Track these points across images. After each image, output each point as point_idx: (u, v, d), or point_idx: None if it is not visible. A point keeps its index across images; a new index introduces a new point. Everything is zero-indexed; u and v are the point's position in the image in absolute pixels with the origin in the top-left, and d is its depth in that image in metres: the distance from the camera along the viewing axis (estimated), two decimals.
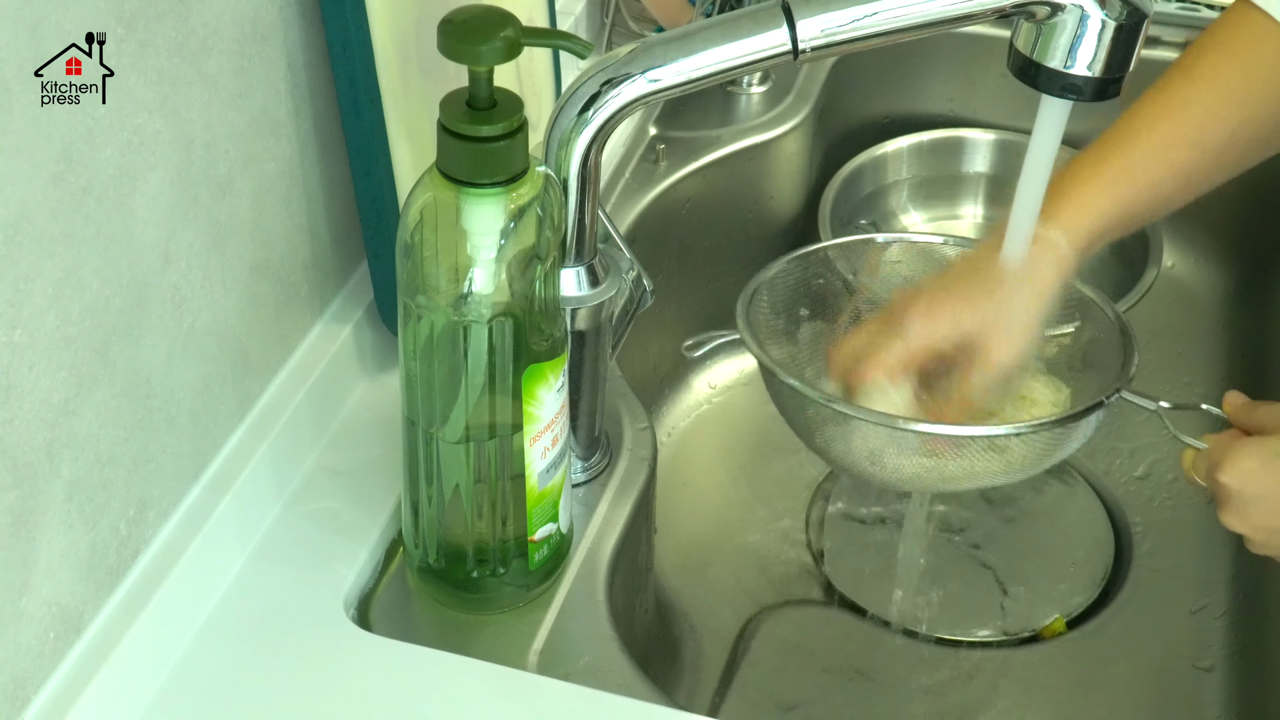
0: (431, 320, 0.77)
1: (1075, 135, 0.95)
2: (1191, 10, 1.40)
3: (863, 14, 0.81)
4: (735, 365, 1.37)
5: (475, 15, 0.73)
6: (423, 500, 0.83)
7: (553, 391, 0.80)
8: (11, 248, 0.65)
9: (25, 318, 0.67)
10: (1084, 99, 0.84)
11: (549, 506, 0.84)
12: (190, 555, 0.81)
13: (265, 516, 0.88)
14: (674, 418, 1.31)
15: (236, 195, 0.82)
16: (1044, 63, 0.83)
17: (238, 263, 0.83)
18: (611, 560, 0.90)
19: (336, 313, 0.95)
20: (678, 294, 1.29)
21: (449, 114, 0.73)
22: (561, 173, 0.83)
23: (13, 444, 0.68)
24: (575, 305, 0.86)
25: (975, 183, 1.50)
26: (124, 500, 0.77)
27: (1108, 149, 0.96)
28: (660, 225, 1.24)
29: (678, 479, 1.24)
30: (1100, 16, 0.81)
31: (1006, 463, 0.95)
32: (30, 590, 0.71)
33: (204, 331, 0.81)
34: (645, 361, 1.25)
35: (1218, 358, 1.37)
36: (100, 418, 0.74)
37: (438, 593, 0.86)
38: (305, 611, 0.84)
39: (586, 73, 0.82)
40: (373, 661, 0.82)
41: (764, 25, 0.81)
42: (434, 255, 0.76)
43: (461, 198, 0.74)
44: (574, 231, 0.85)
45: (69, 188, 0.68)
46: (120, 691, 0.77)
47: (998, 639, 1.13)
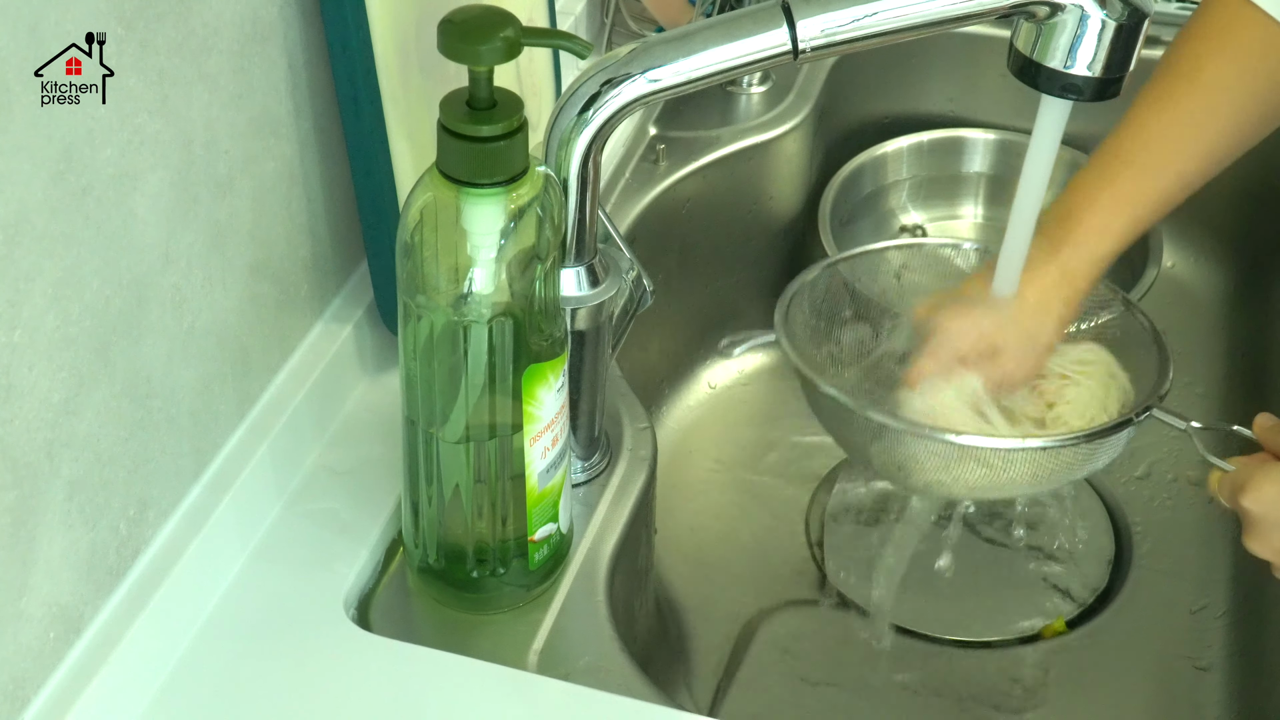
0: (431, 320, 0.77)
1: (1075, 135, 0.95)
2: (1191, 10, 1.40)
3: (863, 14, 0.81)
4: (735, 365, 1.37)
5: (475, 15, 0.73)
6: (423, 500, 0.83)
7: (553, 391, 0.80)
8: (11, 248, 0.65)
9: (25, 318, 0.67)
10: (1084, 99, 0.84)
11: (549, 506, 0.84)
12: (190, 555, 0.81)
13: (265, 516, 0.88)
14: (674, 418, 1.31)
15: (236, 195, 0.82)
16: (1044, 63, 0.83)
17: (238, 263, 0.83)
18: (611, 560, 0.90)
19: (336, 313, 0.95)
20: (678, 294, 1.29)
21: (449, 114, 0.73)
22: (561, 173, 0.83)
23: (13, 444, 0.68)
24: (575, 305, 0.86)
25: (975, 183, 1.50)
26: (124, 500, 0.77)
27: (1115, 166, 0.97)
28: (660, 225, 1.24)
29: (678, 479, 1.24)
30: (1100, 16, 0.81)
31: (1034, 474, 0.97)
32: (30, 590, 0.71)
33: (204, 331, 0.81)
34: (645, 361, 1.25)
35: (1218, 358, 1.37)
36: (100, 418, 0.74)
37: (438, 593, 0.86)
38: (305, 611, 0.84)
39: (586, 73, 0.82)
40: (373, 661, 0.82)
41: (764, 25, 0.81)
42: (434, 255, 0.76)
43: (461, 198, 0.74)
44: (574, 231, 0.85)
45: (69, 188, 0.68)
46: (120, 691, 0.77)
47: (998, 639, 1.13)
